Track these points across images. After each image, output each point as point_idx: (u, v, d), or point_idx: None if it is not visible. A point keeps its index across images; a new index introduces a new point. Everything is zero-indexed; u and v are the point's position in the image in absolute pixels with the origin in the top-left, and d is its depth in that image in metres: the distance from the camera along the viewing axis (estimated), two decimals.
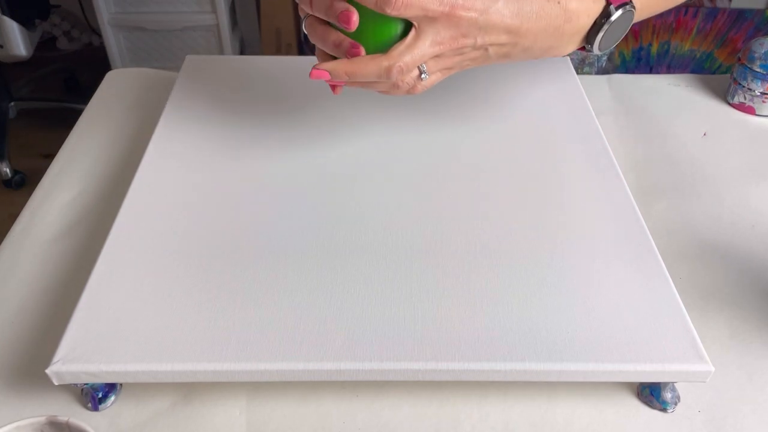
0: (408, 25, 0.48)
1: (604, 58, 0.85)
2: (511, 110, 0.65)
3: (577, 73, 0.82)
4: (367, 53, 0.50)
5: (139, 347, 0.42)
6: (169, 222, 0.51)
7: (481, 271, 0.47)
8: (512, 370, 0.41)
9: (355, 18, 0.49)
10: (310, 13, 0.51)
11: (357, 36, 0.50)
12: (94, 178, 0.63)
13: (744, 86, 0.72)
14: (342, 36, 0.50)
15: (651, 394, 0.45)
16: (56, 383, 0.42)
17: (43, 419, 0.37)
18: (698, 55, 1.91)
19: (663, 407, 0.45)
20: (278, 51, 1.93)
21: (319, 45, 0.52)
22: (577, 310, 0.45)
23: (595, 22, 0.51)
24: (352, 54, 0.50)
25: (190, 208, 0.53)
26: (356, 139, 0.61)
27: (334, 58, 0.51)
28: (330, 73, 0.50)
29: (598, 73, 0.85)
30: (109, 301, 0.45)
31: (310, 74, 0.51)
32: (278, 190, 0.55)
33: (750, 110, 0.73)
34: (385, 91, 0.52)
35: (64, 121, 2.01)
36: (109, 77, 0.78)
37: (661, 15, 1.84)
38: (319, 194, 0.54)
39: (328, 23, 0.51)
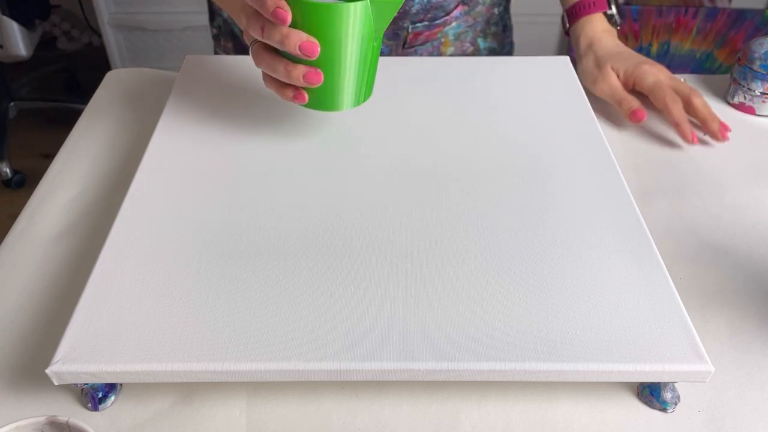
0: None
1: None
2: (510, 110, 0.65)
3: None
4: (325, 78, 0.51)
5: (139, 347, 0.42)
6: (169, 222, 0.51)
7: (481, 271, 0.47)
8: (512, 370, 0.41)
9: (318, 48, 0.49)
10: (260, 40, 0.51)
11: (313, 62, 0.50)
12: (94, 178, 0.63)
13: (744, 86, 0.72)
14: (291, 64, 0.51)
15: (651, 394, 0.45)
16: (56, 383, 0.42)
17: (43, 419, 0.37)
18: (698, 55, 1.91)
19: (663, 407, 0.45)
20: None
21: (268, 72, 0.53)
22: (577, 310, 0.45)
23: None
24: (313, 81, 0.51)
25: (189, 208, 0.53)
26: (356, 138, 0.61)
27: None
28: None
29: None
30: (109, 301, 0.45)
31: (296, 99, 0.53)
32: (278, 190, 0.55)
33: (750, 110, 0.73)
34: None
35: (64, 121, 2.02)
36: (109, 77, 0.78)
37: (661, 14, 1.84)
38: (319, 194, 0.54)
39: (275, 50, 0.52)
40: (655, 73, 0.70)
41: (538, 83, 0.69)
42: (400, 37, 0.80)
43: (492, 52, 0.86)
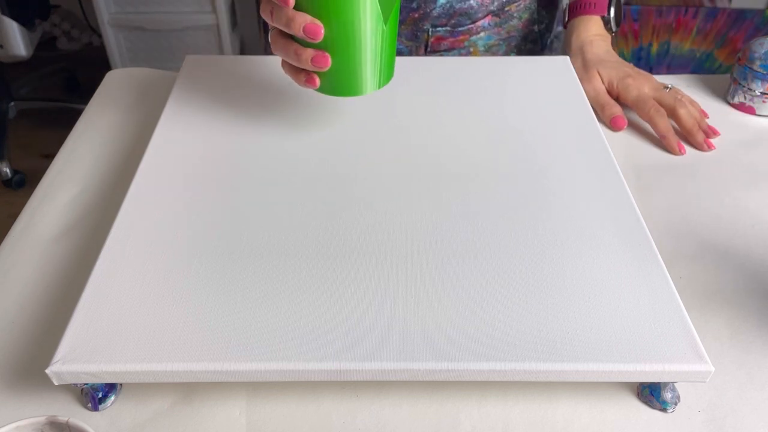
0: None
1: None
2: (510, 110, 0.65)
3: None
4: (333, 60, 0.51)
5: (139, 347, 0.42)
6: (169, 222, 0.51)
7: (481, 271, 0.47)
8: (512, 370, 0.41)
9: (322, 31, 0.49)
10: (271, 24, 0.52)
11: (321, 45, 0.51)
12: (94, 177, 0.63)
13: (744, 86, 0.72)
14: (301, 48, 0.51)
15: (651, 394, 0.45)
16: (56, 383, 0.42)
17: (43, 419, 0.37)
18: (698, 55, 1.91)
19: (663, 407, 0.45)
20: None
21: (282, 57, 0.54)
22: (577, 310, 0.45)
23: None
24: (320, 64, 0.51)
25: (190, 208, 0.53)
26: (356, 138, 0.61)
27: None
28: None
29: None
30: (109, 301, 0.45)
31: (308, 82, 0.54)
32: (278, 190, 0.55)
33: (750, 110, 0.73)
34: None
35: (64, 121, 2.02)
36: (109, 77, 0.78)
37: (661, 14, 1.84)
38: (318, 194, 0.54)
39: (290, 35, 0.52)
40: (638, 86, 0.70)
41: (538, 83, 0.69)
42: (420, 39, 0.79)
43: None
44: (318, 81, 0.54)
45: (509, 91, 0.67)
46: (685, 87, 0.77)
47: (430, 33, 0.79)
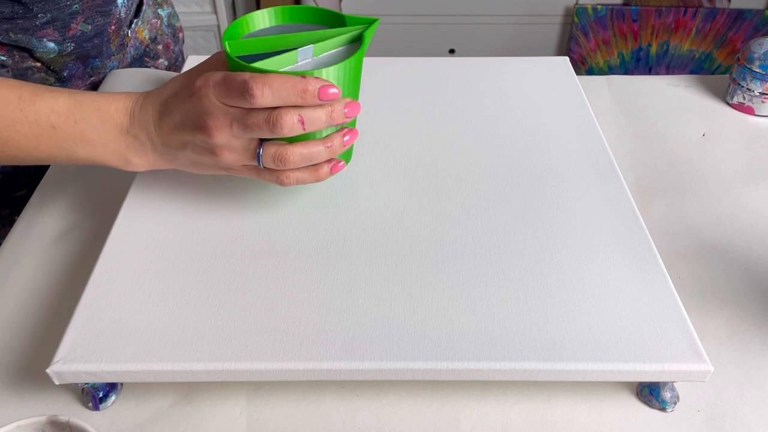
0: None
1: None
2: (510, 110, 0.65)
3: None
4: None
5: (140, 347, 0.42)
6: (169, 222, 0.51)
7: (481, 271, 0.47)
8: (512, 369, 0.42)
9: (359, 104, 0.47)
10: (303, 131, 0.44)
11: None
12: (94, 178, 0.63)
13: (743, 86, 0.72)
14: (328, 139, 0.47)
15: (650, 393, 0.45)
16: (57, 383, 0.42)
17: (43, 419, 0.37)
18: (697, 56, 1.91)
19: (662, 407, 0.45)
20: None
21: (305, 162, 0.47)
22: (577, 310, 0.45)
23: None
24: (352, 138, 0.49)
25: (190, 207, 0.53)
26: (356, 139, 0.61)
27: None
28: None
29: None
30: (109, 301, 0.45)
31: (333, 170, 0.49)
32: (278, 190, 0.55)
33: (749, 110, 0.73)
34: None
35: None
36: (109, 77, 0.78)
37: (660, 15, 1.84)
38: (318, 195, 0.54)
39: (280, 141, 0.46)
40: None
41: (538, 83, 0.69)
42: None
43: None
44: (342, 162, 0.50)
45: (508, 92, 0.67)
46: (684, 87, 0.77)
47: None
